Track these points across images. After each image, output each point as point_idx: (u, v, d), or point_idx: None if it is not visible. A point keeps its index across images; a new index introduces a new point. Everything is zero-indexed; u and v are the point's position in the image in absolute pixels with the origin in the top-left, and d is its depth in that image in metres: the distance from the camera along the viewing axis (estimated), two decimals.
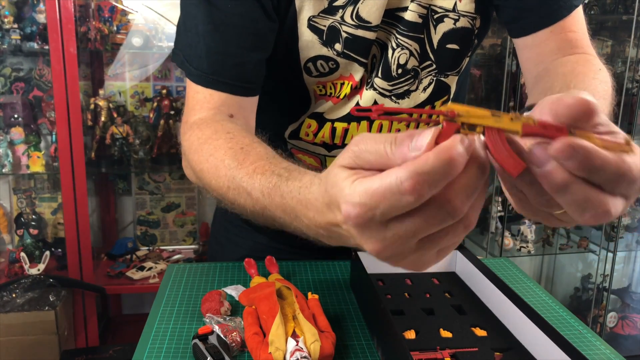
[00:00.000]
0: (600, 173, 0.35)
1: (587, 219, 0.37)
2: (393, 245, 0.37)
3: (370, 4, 0.76)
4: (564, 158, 0.35)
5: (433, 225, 0.36)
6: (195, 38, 0.74)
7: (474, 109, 0.36)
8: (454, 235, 0.38)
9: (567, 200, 0.36)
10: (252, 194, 0.58)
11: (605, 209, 0.36)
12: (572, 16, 0.78)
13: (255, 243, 0.98)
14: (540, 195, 0.38)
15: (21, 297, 1.84)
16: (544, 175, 0.36)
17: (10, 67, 2.12)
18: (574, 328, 0.76)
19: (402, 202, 0.35)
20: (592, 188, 0.36)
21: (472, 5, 0.80)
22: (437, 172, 0.34)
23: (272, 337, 0.62)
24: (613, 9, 2.30)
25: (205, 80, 0.74)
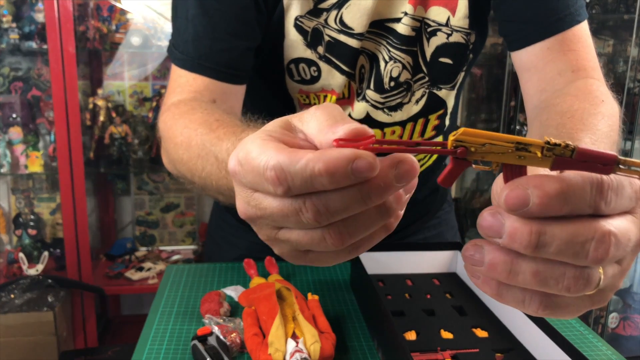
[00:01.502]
0: (576, 196, 0.29)
1: (595, 255, 0.30)
2: (252, 214, 0.33)
3: (354, 11, 0.75)
4: (519, 206, 0.29)
5: (285, 218, 0.31)
6: (184, 23, 0.74)
7: (494, 137, 0.30)
8: (313, 240, 0.32)
9: (555, 250, 0.29)
10: (218, 157, 0.56)
11: (602, 231, 0.29)
12: (573, 32, 0.74)
13: (251, 243, 0.98)
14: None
15: (19, 297, 1.83)
16: (511, 240, 0.30)
17: (8, 67, 2.12)
18: (575, 329, 0.75)
19: (264, 186, 0.31)
20: (574, 221, 0.30)
21: (466, 20, 0.78)
22: (306, 180, 0.29)
23: (271, 338, 0.61)
24: (614, 8, 2.30)
25: (190, 64, 0.74)
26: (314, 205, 0.30)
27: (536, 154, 0.30)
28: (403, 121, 0.84)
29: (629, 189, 0.31)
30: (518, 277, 0.31)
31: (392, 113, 0.83)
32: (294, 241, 0.33)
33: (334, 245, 0.31)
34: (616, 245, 0.30)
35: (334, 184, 0.29)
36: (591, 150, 0.30)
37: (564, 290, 0.31)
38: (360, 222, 0.31)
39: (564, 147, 0.30)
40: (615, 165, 0.31)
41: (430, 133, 0.87)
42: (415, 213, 0.99)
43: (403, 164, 0.30)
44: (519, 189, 0.29)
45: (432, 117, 0.86)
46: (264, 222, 0.33)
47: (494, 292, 0.33)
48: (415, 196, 0.98)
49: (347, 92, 0.81)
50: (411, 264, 0.85)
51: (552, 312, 0.33)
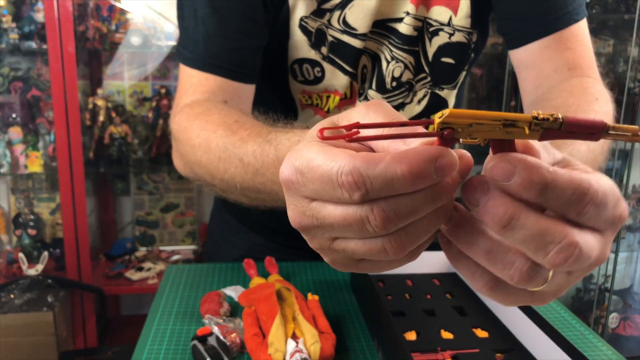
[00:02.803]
0: (553, 193, 0.29)
1: (553, 259, 0.29)
2: (308, 224, 0.32)
3: (357, 11, 0.75)
4: (502, 178, 0.29)
5: (347, 227, 0.30)
6: (192, 23, 0.73)
7: (481, 116, 0.29)
8: (372, 249, 0.31)
9: (521, 237, 0.29)
10: (243, 159, 0.55)
11: (570, 240, 0.29)
12: (571, 31, 0.74)
13: (252, 243, 0.98)
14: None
15: (19, 298, 1.83)
16: (484, 213, 0.30)
17: (8, 67, 2.12)
18: (575, 329, 0.75)
19: (333, 193, 0.30)
20: (549, 219, 0.29)
21: (467, 20, 0.78)
22: (387, 183, 0.28)
23: (271, 338, 0.61)
24: (615, 8, 2.30)
25: (201, 64, 0.73)
26: (383, 212, 0.29)
27: (524, 129, 0.30)
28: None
29: (610, 211, 0.31)
30: (472, 248, 0.32)
31: None
32: (349, 251, 0.32)
33: (394, 255, 0.31)
34: (576, 258, 0.30)
35: (416, 185, 0.29)
36: (579, 119, 0.30)
37: (507, 277, 0.31)
38: (421, 227, 0.31)
39: (552, 121, 0.30)
40: (605, 132, 0.31)
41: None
42: None
43: (462, 159, 0.30)
44: (507, 164, 0.29)
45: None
46: (321, 233, 0.32)
47: (453, 258, 0.34)
48: None
49: (350, 93, 0.81)
50: (411, 264, 0.85)
51: (492, 295, 0.34)
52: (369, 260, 0.33)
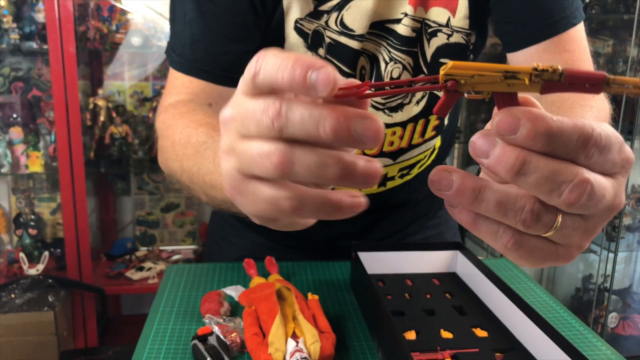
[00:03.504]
0: (559, 140, 0.30)
1: (567, 197, 0.30)
2: (228, 116, 0.34)
3: (355, 12, 0.75)
4: (509, 132, 0.30)
5: (250, 118, 0.32)
6: (181, 26, 0.74)
7: (482, 68, 0.31)
8: (261, 152, 0.31)
9: (534, 181, 0.30)
10: (216, 151, 0.55)
11: (581, 177, 0.30)
12: (569, 34, 0.74)
13: (252, 243, 0.98)
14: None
15: (20, 297, 1.83)
16: (496, 163, 0.31)
17: (9, 67, 2.12)
18: (574, 329, 0.75)
19: (245, 83, 0.32)
20: (559, 160, 0.31)
21: (466, 21, 0.78)
22: (274, 67, 0.30)
23: (271, 337, 0.62)
24: (614, 8, 2.30)
25: (187, 67, 0.74)
26: (279, 105, 0.30)
27: (524, 81, 0.31)
28: (404, 122, 0.84)
29: (616, 154, 0.32)
30: (482, 204, 0.33)
31: (393, 114, 0.83)
32: (244, 151, 0.32)
33: (273, 165, 0.31)
34: (589, 195, 0.31)
35: (290, 79, 0.30)
36: (579, 71, 0.31)
37: (520, 223, 0.32)
38: (307, 155, 0.31)
39: (552, 72, 0.31)
40: (605, 84, 0.31)
41: (430, 133, 0.88)
42: (415, 213, 0.99)
43: (371, 121, 0.30)
44: (512, 117, 0.30)
45: (433, 117, 0.86)
46: (233, 126, 0.33)
47: (470, 222, 0.34)
48: (416, 196, 0.99)
49: None
50: (411, 264, 0.85)
51: (518, 251, 0.34)
52: (252, 183, 0.33)
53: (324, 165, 0.31)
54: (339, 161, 0.31)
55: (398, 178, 0.89)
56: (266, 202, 0.33)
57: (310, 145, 0.31)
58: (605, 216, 0.33)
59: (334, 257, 0.94)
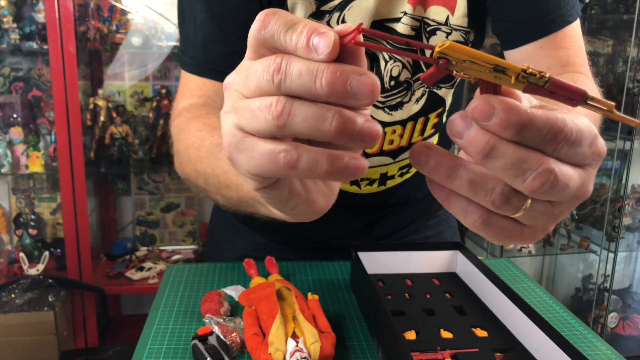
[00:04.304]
0: (529, 132, 0.31)
1: (531, 184, 0.32)
2: (232, 80, 0.35)
3: (356, 12, 0.76)
4: (482, 118, 0.32)
5: (252, 76, 0.33)
6: (192, 28, 0.75)
7: (476, 56, 0.32)
8: (262, 106, 0.32)
9: (501, 165, 0.32)
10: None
11: (546, 166, 0.32)
12: (564, 32, 0.75)
13: (252, 242, 0.98)
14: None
15: (20, 297, 1.84)
16: (467, 144, 0.33)
17: (9, 67, 2.12)
18: (574, 328, 0.75)
19: (255, 24, 0.33)
20: (526, 149, 0.32)
21: (464, 19, 0.79)
22: (278, 22, 0.32)
23: (272, 337, 0.62)
24: (614, 8, 2.30)
25: (199, 69, 0.74)
26: (279, 61, 0.31)
27: (511, 78, 0.32)
28: (403, 120, 0.84)
29: (587, 148, 0.33)
30: (455, 182, 0.34)
31: (393, 112, 0.83)
32: (245, 106, 0.33)
33: (272, 115, 0.31)
34: (552, 184, 0.32)
35: (295, 43, 0.31)
36: (563, 82, 0.32)
37: (489, 203, 0.34)
38: (305, 107, 0.31)
39: (539, 77, 0.32)
40: (582, 101, 0.33)
41: (430, 131, 0.88)
42: (415, 212, 0.99)
43: (366, 77, 0.31)
44: (488, 105, 0.32)
45: (432, 115, 0.87)
46: (234, 87, 0.35)
47: (444, 197, 0.37)
48: (416, 195, 0.99)
49: None
50: (411, 264, 0.85)
51: (486, 228, 0.36)
52: (249, 140, 0.33)
53: (322, 118, 0.31)
54: (338, 114, 0.31)
55: (398, 177, 0.89)
56: (263, 155, 0.33)
57: (310, 101, 0.32)
58: (571, 203, 0.35)
59: (334, 257, 0.95)
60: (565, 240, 2.48)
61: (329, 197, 0.39)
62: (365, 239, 0.96)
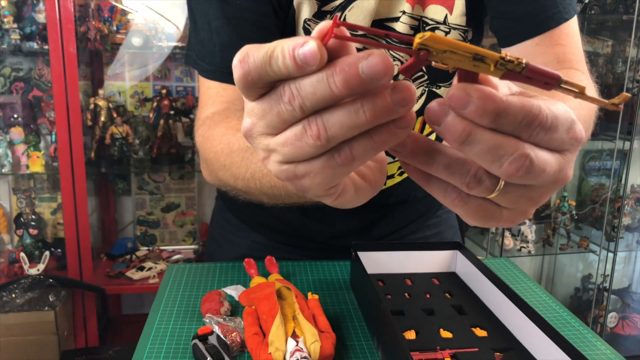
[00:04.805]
0: (505, 119, 0.32)
1: (507, 169, 0.33)
2: (249, 125, 0.35)
3: (357, 12, 0.76)
4: (459, 106, 0.32)
5: (268, 113, 0.33)
6: (207, 34, 0.75)
7: (456, 46, 0.32)
8: (296, 134, 0.33)
9: (477, 151, 0.33)
10: None
11: (521, 152, 0.32)
12: (561, 29, 0.76)
13: (253, 242, 0.98)
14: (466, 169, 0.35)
15: (21, 297, 1.84)
16: (445, 130, 0.33)
17: (9, 67, 2.12)
18: (574, 328, 0.75)
19: (237, 72, 0.33)
20: (503, 135, 0.33)
21: (463, 18, 0.79)
22: (263, 57, 0.31)
23: (272, 337, 0.62)
24: (613, 8, 2.30)
25: (219, 75, 0.75)
26: (287, 89, 0.32)
27: (489, 66, 0.32)
28: None
29: (564, 133, 0.34)
30: (432, 166, 0.35)
31: None
32: (281, 144, 0.33)
33: (313, 138, 0.32)
34: (528, 169, 0.33)
35: (284, 66, 0.31)
36: (539, 68, 0.33)
37: (464, 185, 0.35)
38: (336, 115, 0.32)
39: (517, 64, 0.32)
40: (557, 85, 0.33)
41: (428, 129, 0.88)
42: (415, 211, 0.99)
43: (372, 54, 0.31)
44: (464, 93, 0.32)
45: None
46: (257, 131, 0.34)
47: (423, 181, 0.38)
48: (415, 194, 0.99)
49: None
50: (411, 264, 0.85)
51: (464, 208, 0.37)
52: (303, 166, 0.34)
53: (354, 113, 0.32)
54: (365, 100, 0.32)
55: (397, 175, 0.89)
56: (323, 170, 0.34)
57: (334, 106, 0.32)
58: (550, 188, 0.36)
59: (333, 257, 0.95)
60: (565, 240, 2.48)
61: (383, 171, 0.41)
62: (365, 238, 0.97)
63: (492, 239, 2.35)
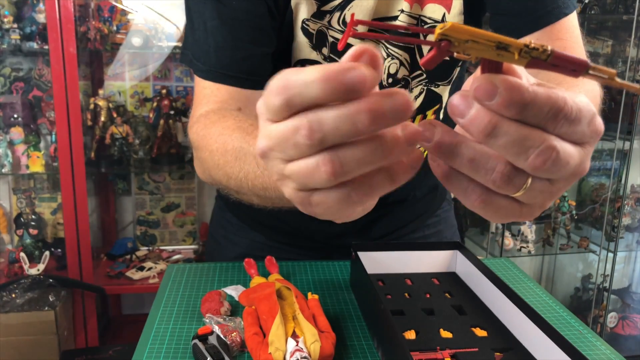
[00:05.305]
0: (531, 111, 0.32)
1: (533, 162, 0.32)
2: (265, 147, 0.35)
3: (357, 12, 0.76)
4: (485, 98, 0.32)
5: (285, 142, 0.33)
6: (203, 35, 0.75)
7: (478, 35, 0.31)
8: (308, 167, 0.33)
9: (503, 144, 0.32)
10: (257, 156, 0.58)
11: (548, 144, 0.32)
12: (561, 24, 0.76)
13: (252, 241, 0.98)
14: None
15: (21, 297, 1.84)
16: (470, 123, 0.33)
17: (9, 67, 2.12)
18: (574, 328, 0.75)
19: (270, 105, 0.33)
20: (528, 127, 0.32)
21: (461, 17, 0.80)
22: (301, 87, 0.31)
23: (272, 337, 0.62)
24: (613, 8, 2.30)
25: (213, 75, 0.75)
26: (308, 122, 0.31)
27: (514, 55, 0.32)
28: None
29: (586, 126, 0.33)
30: (456, 159, 0.35)
31: None
32: (295, 173, 0.34)
33: (327, 174, 0.32)
34: (554, 161, 0.33)
35: (326, 91, 0.31)
36: (565, 55, 0.32)
37: (490, 182, 0.34)
38: (353, 152, 0.32)
39: (542, 51, 0.32)
40: (585, 71, 0.33)
41: None
42: (414, 211, 1.00)
43: (397, 94, 0.31)
44: (490, 85, 0.32)
45: (429, 112, 0.87)
46: (273, 155, 0.35)
47: (444, 176, 0.37)
48: (414, 193, 0.99)
49: None
50: (411, 264, 0.85)
51: (485, 208, 0.37)
52: (318, 194, 0.35)
53: (372, 152, 0.32)
54: (382, 139, 0.32)
55: None
56: (337, 202, 0.34)
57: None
58: (569, 180, 0.35)
59: (333, 256, 0.95)
60: (565, 240, 2.48)
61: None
62: (364, 237, 0.97)
63: (492, 239, 2.35)
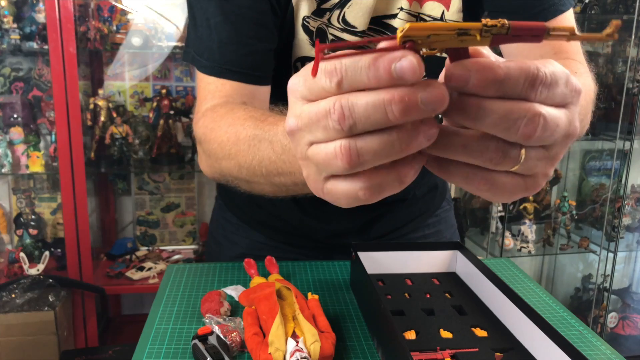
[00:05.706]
0: (508, 85, 0.33)
1: (524, 132, 0.33)
2: (294, 126, 0.36)
3: (356, 10, 0.77)
4: (461, 83, 0.33)
5: (316, 123, 0.34)
6: (206, 31, 0.75)
7: (437, 27, 0.32)
8: (328, 152, 0.34)
9: (492, 122, 0.33)
10: (273, 140, 0.58)
11: (534, 111, 0.33)
12: (557, 20, 0.76)
13: (252, 241, 0.98)
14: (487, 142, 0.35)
15: (20, 297, 1.84)
16: (454, 112, 0.34)
17: (9, 67, 2.12)
18: (574, 328, 0.75)
19: (316, 86, 0.34)
20: (510, 101, 0.33)
21: (460, 14, 0.80)
22: (355, 70, 0.32)
23: (272, 337, 0.62)
24: (613, 8, 2.30)
25: (218, 71, 0.75)
26: (341, 107, 0.32)
27: (476, 36, 0.33)
28: None
29: (563, 87, 0.34)
30: (449, 149, 0.35)
31: None
32: (315, 156, 0.35)
33: (342, 162, 0.33)
34: (544, 127, 0.33)
35: (376, 78, 0.31)
36: (523, 23, 0.33)
37: (487, 161, 0.35)
38: (371, 143, 0.33)
39: (500, 26, 0.33)
40: (546, 34, 0.34)
41: None
42: (414, 210, 1.00)
43: (433, 88, 0.32)
44: (462, 70, 0.33)
45: None
46: (300, 135, 0.35)
47: (444, 171, 0.37)
48: (414, 193, 0.99)
49: None
50: (411, 264, 0.85)
51: (490, 190, 0.37)
52: (332, 180, 0.36)
53: (389, 144, 0.33)
54: (402, 134, 0.33)
55: None
56: (345, 196, 0.35)
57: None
58: (564, 143, 0.36)
59: (333, 256, 0.95)
60: (565, 240, 2.48)
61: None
62: (364, 237, 0.97)
63: (492, 239, 2.35)
